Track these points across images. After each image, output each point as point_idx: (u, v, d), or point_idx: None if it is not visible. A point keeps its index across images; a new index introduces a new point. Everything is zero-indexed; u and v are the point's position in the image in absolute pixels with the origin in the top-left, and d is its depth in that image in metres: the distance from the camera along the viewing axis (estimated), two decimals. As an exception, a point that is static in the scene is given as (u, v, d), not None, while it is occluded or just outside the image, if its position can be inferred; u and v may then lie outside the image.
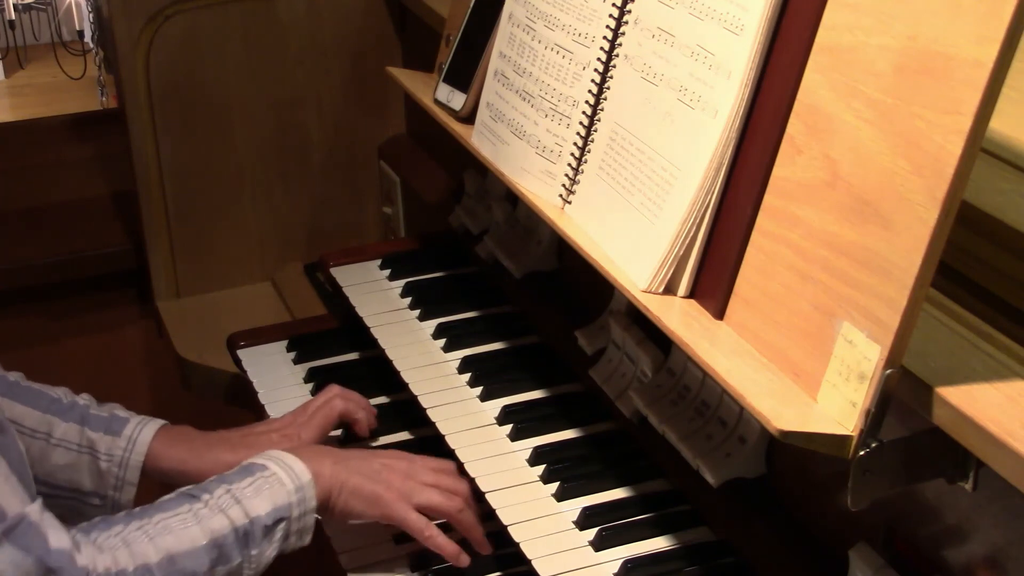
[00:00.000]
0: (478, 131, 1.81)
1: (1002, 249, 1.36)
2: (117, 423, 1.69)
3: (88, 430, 1.67)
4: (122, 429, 1.68)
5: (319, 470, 1.55)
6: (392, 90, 2.61)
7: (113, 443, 1.67)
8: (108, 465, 1.66)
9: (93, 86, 6.55)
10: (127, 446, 1.67)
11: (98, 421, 1.68)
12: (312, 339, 2.12)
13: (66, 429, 1.67)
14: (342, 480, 1.56)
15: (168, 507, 1.46)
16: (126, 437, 1.67)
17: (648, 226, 1.42)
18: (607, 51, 1.55)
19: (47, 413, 1.67)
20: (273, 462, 1.53)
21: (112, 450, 1.67)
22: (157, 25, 2.45)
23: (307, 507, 1.51)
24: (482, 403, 1.81)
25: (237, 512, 1.46)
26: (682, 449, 1.54)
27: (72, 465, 1.66)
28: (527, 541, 1.54)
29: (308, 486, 1.52)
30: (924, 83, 1.11)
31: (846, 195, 1.19)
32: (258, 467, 1.52)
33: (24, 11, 7.12)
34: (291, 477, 1.51)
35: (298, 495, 1.51)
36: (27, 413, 1.66)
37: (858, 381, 1.14)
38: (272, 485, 1.50)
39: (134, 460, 1.67)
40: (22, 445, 1.42)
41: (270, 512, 1.48)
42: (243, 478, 1.51)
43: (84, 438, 1.66)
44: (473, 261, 2.16)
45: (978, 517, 1.21)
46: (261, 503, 1.48)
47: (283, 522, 1.49)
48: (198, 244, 2.64)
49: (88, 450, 1.66)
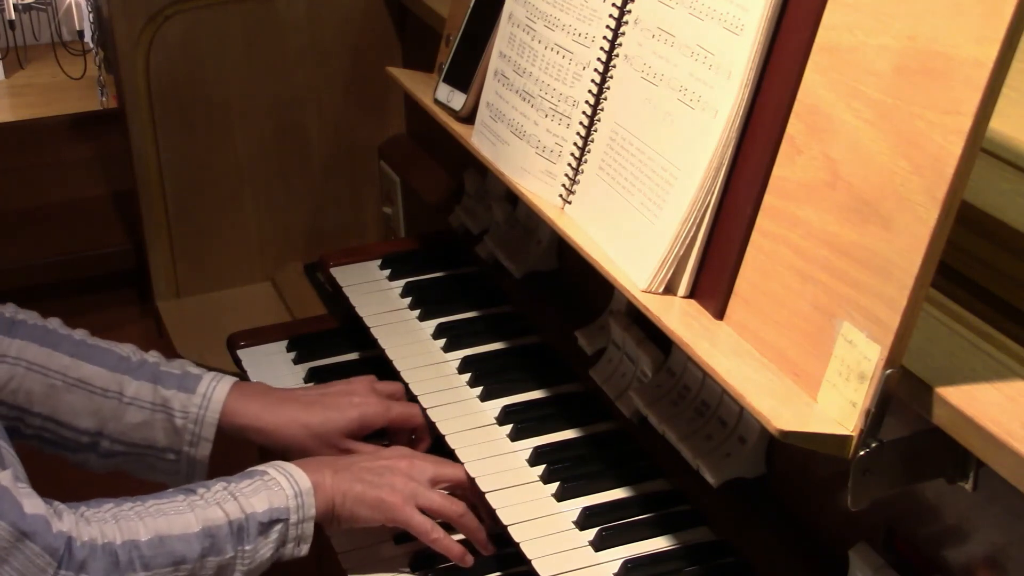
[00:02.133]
0: (478, 131, 1.81)
1: (1002, 249, 1.36)
2: (190, 380, 1.69)
3: (161, 388, 1.67)
4: (196, 386, 1.68)
5: (320, 481, 1.54)
6: (392, 90, 2.61)
7: (188, 400, 1.67)
8: (184, 422, 1.66)
9: (93, 86, 6.55)
10: (202, 403, 1.67)
11: (170, 378, 1.68)
12: (312, 339, 2.12)
13: (138, 387, 1.67)
14: (344, 489, 1.55)
15: (164, 495, 1.47)
16: (200, 394, 1.67)
17: (648, 226, 1.42)
18: (607, 51, 1.55)
19: (116, 371, 1.67)
20: (274, 468, 1.53)
21: (187, 407, 1.67)
22: (157, 25, 2.45)
23: (306, 514, 1.51)
24: (482, 403, 1.81)
25: (233, 506, 1.46)
26: (682, 449, 1.54)
27: (146, 423, 1.66)
28: (527, 541, 1.54)
29: (308, 493, 1.51)
30: (924, 83, 1.11)
31: (846, 195, 1.19)
32: (258, 472, 1.52)
33: (24, 11, 7.12)
34: (291, 483, 1.51)
35: (297, 501, 1.50)
36: (97, 373, 1.66)
37: (858, 381, 1.14)
38: (271, 488, 1.50)
39: (210, 416, 1.67)
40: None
41: (267, 511, 1.48)
42: (243, 479, 1.51)
43: (158, 396, 1.67)
44: (473, 261, 2.16)
45: (978, 517, 1.21)
46: (258, 501, 1.48)
47: (280, 524, 1.48)
48: (198, 244, 2.64)
49: (162, 408, 1.67)
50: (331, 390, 1.78)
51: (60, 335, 1.69)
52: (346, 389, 1.77)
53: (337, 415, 1.71)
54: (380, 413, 1.74)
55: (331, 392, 1.77)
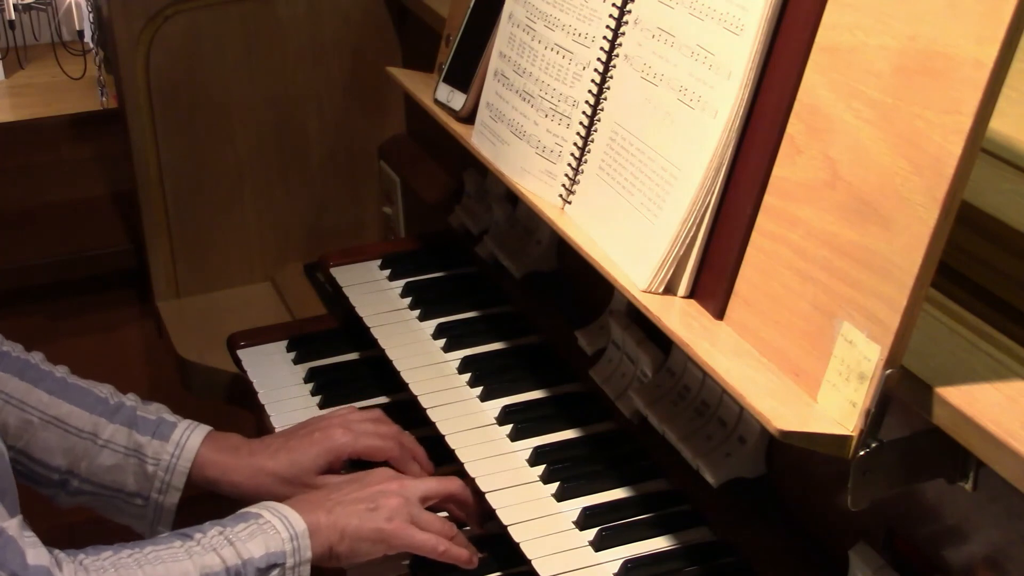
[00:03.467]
0: (478, 131, 1.81)
1: (1002, 249, 1.36)
2: (165, 427, 1.69)
3: (136, 433, 1.67)
4: (170, 434, 1.68)
5: (315, 522, 1.52)
6: (392, 90, 2.61)
7: (161, 447, 1.67)
8: (155, 469, 1.67)
9: (93, 86, 6.55)
10: (175, 451, 1.67)
11: (146, 424, 1.68)
12: (312, 339, 2.12)
13: (113, 431, 1.67)
14: (341, 527, 1.54)
15: (161, 541, 1.45)
16: (174, 442, 1.68)
17: (648, 226, 1.42)
18: (607, 51, 1.55)
19: (94, 413, 1.68)
20: (268, 511, 1.52)
21: (160, 454, 1.67)
22: (157, 25, 2.45)
23: (302, 557, 1.49)
24: (482, 403, 1.81)
25: (230, 552, 1.44)
26: (682, 449, 1.54)
27: (118, 467, 1.67)
28: (527, 541, 1.54)
29: (303, 536, 1.50)
30: (924, 83, 1.11)
31: (846, 195, 1.19)
32: (252, 515, 1.51)
33: (24, 11, 7.12)
34: (286, 526, 1.49)
35: (293, 544, 1.49)
36: (73, 412, 1.67)
37: (858, 381, 1.14)
38: (267, 532, 1.48)
39: (181, 466, 1.67)
40: (8, 460, 1.41)
41: (264, 556, 1.46)
42: (237, 523, 1.49)
43: (132, 441, 1.67)
44: (473, 261, 2.16)
45: (978, 517, 1.21)
46: (255, 546, 1.46)
47: (277, 568, 1.47)
48: (198, 244, 2.63)
49: (135, 453, 1.67)
50: (299, 431, 1.76)
51: (42, 371, 1.70)
52: (314, 426, 1.75)
53: (301, 456, 1.70)
54: (346, 444, 1.72)
55: (297, 434, 1.75)
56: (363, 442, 1.73)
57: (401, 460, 1.75)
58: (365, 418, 1.78)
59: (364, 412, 1.80)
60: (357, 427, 1.74)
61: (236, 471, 1.69)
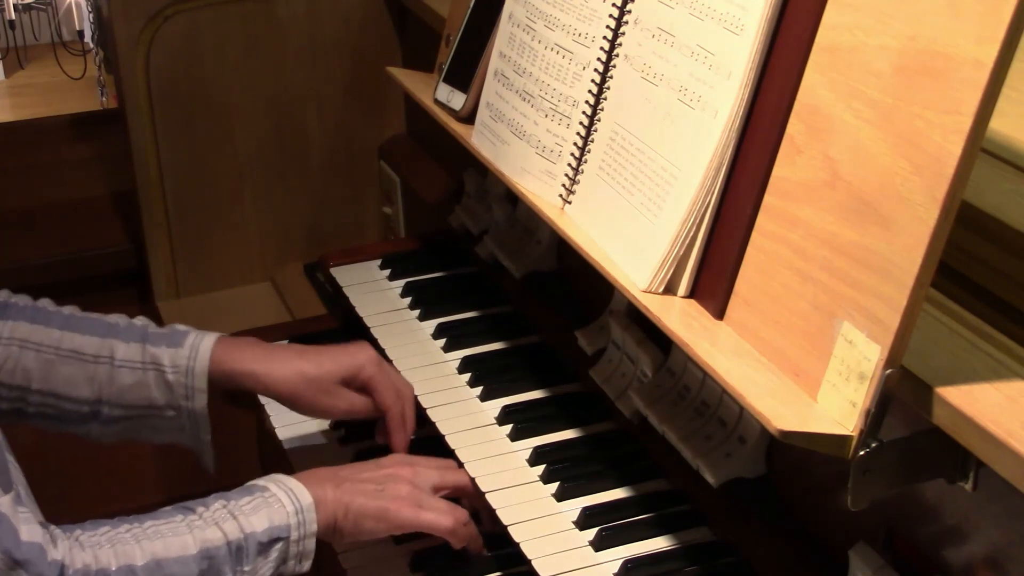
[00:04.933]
0: (478, 131, 1.81)
1: (1002, 249, 1.36)
2: (177, 335, 1.69)
3: (150, 346, 1.68)
4: (183, 340, 1.69)
5: (321, 495, 1.51)
6: (392, 90, 2.61)
7: (176, 354, 1.67)
8: (175, 376, 1.67)
9: (93, 86, 6.56)
10: (190, 354, 1.67)
11: (158, 337, 1.69)
12: (312, 339, 2.11)
13: (128, 349, 1.67)
14: (346, 503, 1.53)
15: (161, 515, 1.44)
16: (188, 346, 1.68)
17: (648, 226, 1.42)
18: (607, 51, 1.56)
19: (107, 337, 1.68)
20: (274, 484, 1.51)
21: (176, 360, 1.67)
22: (157, 25, 2.45)
23: (307, 531, 1.48)
24: (482, 403, 1.81)
25: (232, 526, 1.43)
26: (682, 449, 1.54)
27: (140, 383, 1.67)
28: (527, 541, 1.54)
29: (309, 509, 1.49)
30: (924, 83, 1.11)
31: (846, 195, 1.19)
32: (258, 488, 1.50)
33: (24, 11, 7.12)
34: (291, 499, 1.48)
35: (298, 518, 1.47)
36: (87, 341, 1.67)
37: (858, 381, 1.14)
38: (271, 505, 1.47)
39: (199, 366, 1.67)
40: (2, 435, 1.41)
41: (267, 529, 1.45)
42: (242, 496, 1.48)
43: (147, 354, 1.67)
44: (473, 261, 2.16)
45: (978, 517, 1.21)
46: (258, 520, 1.45)
47: (280, 542, 1.46)
48: (198, 244, 2.64)
49: (153, 366, 1.67)
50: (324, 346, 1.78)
51: (49, 312, 1.70)
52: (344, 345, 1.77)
53: (330, 361, 1.72)
54: (368, 366, 1.73)
55: (322, 346, 1.77)
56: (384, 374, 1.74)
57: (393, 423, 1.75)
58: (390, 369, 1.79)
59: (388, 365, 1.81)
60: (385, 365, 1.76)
61: (260, 362, 1.69)
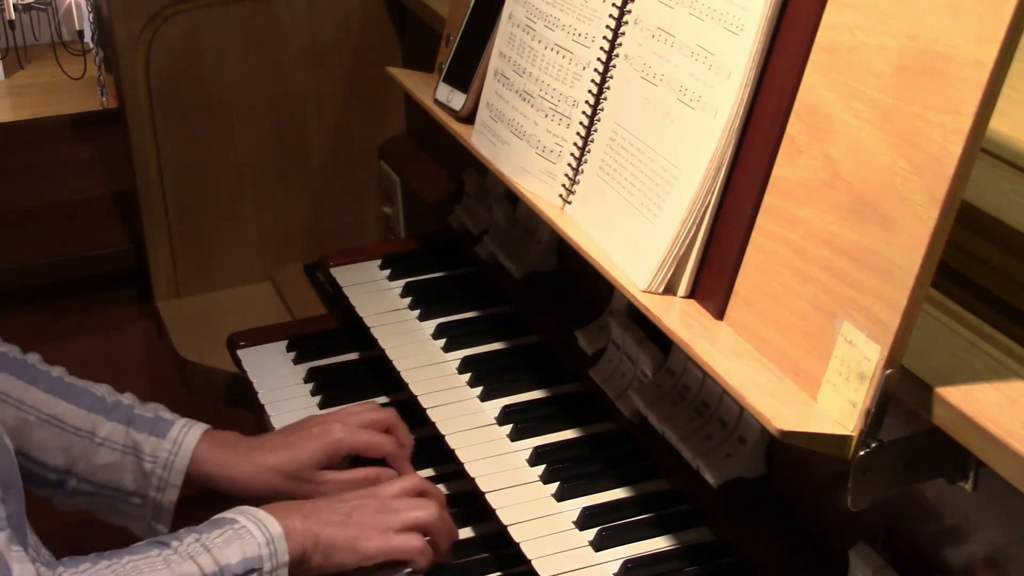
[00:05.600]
0: (478, 131, 1.81)
1: (1002, 249, 1.36)
2: (162, 425, 1.69)
3: (133, 431, 1.67)
4: (168, 431, 1.68)
5: (290, 526, 1.51)
6: (392, 90, 2.61)
7: (158, 445, 1.67)
8: (152, 466, 1.66)
9: (93, 86, 6.56)
10: (172, 448, 1.67)
11: (143, 422, 1.68)
12: (312, 339, 2.12)
13: (111, 429, 1.67)
14: (315, 533, 1.52)
15: (138, 551, 1.45)
16: (171, 439, 1.67)
17: (648, 226, 1.42)
18: (607, 51, 1.56)
19: (91, 412, 1.68)
20: (243, 516, 1.51)
21: (157, 451, 1.67)
22: (157, 25, 2.45)
23: (279, 560, 1.48)
24: (482, 403, 1.81)
25: (207, 560, 1.44)
26: (682, 449, 1.54)
27: (116, 464, 1.67)
28: (527, 541, 1.54)
29: (279, 539, 1.49)
30: (924, 83, 1.11)
31: (846, 195, 1.19)
32: (228, 520, 1.50)
33: (24, 11, 7.13)
34: (262, 530, 1.49)
35: (269, 548, 1.48)
36: (71, 411, 1.67)
37: (858, 381, 1.14)
38: (243, 536, 1.47)
39: (179, 462, 1.67)
40: (17, 473, 1.41)
41: (240, 562, 1.45)
42: (213, 529, 1.48)
43: (129, 439, 1.67)
44: (473, 261, 2.16)
45: (978, 517, 1.21)
46: (232, 553, 1.45)
47: (255, 573, 1.46)
48: (198, 244, 2.64)
49: (133, 451, 1.67)
50: (297, 428, 1.76)
51: (38, 370, 1.70)
52: (312, 423, 1.75)
53: (300, 451, 1.70)
54: (344, 439, 1.72)
55: (296, 430, 1.75)
56: (361, 438, 1.73)
57: (397, 457, 1.75)
58: (363, 410, 1.77)
59: (362, 405, 1.80)
60: (354, 421, 1.74)
61: (235, 467, 1.69)
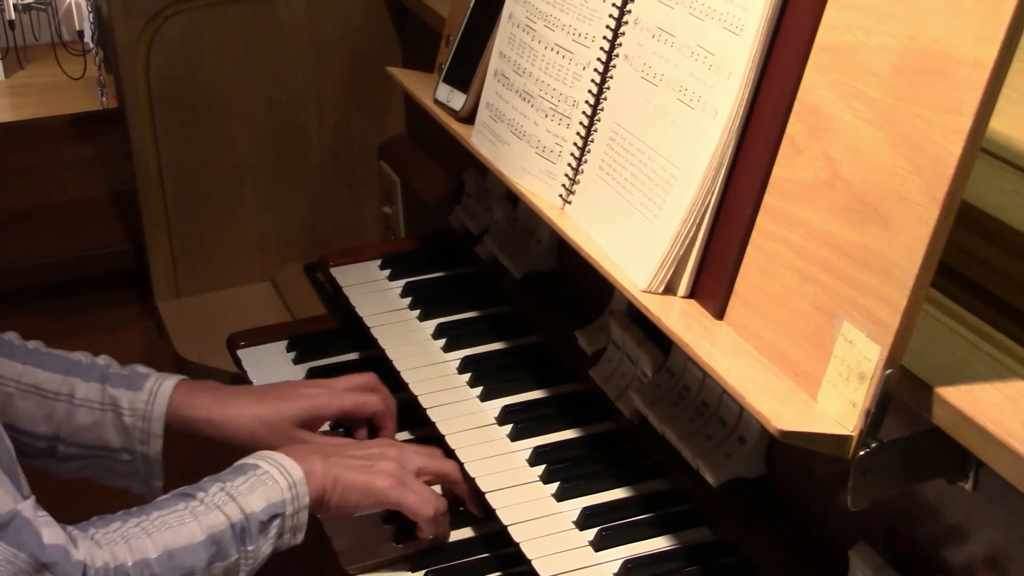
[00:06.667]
0: (478, 131, 1.81)
1: (1002, 249, 1.36)
2: (138, 378, 1.70)
3: (110, 387, 1.68)
4: (143, 383, 1.69)
5: (311, 468, 1.55)
6: (392, 90, 2.61)
7: (135, 397, 1.68)
8: (132, 419, 1.67)
9: (93, 86, 6.55)
10: (148, 399, 1.68)
11: (119, 379, 1.70)
12: (312, 339, 2.12)
13: (88, 389, 1.68)
14: (334, 475, 1.56)
15: (165, 505, 1.47)
16: (147, 390, 1.69)
17: (648, 226, 1.42)
18: (607, 51, 1.55)
19: (68, 375, 1.68)
20: (265, 461, 1.54)
21: (134, 404, 1.68)
22: (157, 25, 2.45)
23: (300, 504, 1.52)
24: (482, 403, 1.81)
25: (233, 508, 1.47)
26: (682, 449, 1.54)
27: (97, 423, 1.67)
28: (527, 541, 1.54)
29: (301, 483, 1.52)
30: (924, 83, 1.11)
31: (846, 195, 1.19)
32: (250, 466, 1.53)
33: (24, 11, 7.12)
34: (283, 475, 1.52)
35: (291, 492, 1.51)
36: (49, 377, 1.68)
37: (858, 381, 1.14)
38: (266, 483, 1.50)
39: (157, 411, 1.68)
40: (10, 443, 1.42)
41: (265, 508, 1.48)
42: (236, 476, 1.51)
43: (106, 395, 1.68)
44: (473, 261, 2.16)
45: (978, 517, 1.21)
46: (256, 499, 1.48)
47: (278, 518, 1.49)
48: (198, 244, 2.64)
49: (111, 407, 1.68)
50: (285, 385, 1.79)
51: (14, 345, 1.71)
52: (301, 384, 1.80)
53: (286, 404, 1.72)
54: (331, 402, 1.74)
55: (284, 387, 1.78)
56: (349, 399, 1.76)
57: (383, 415, 1.77)
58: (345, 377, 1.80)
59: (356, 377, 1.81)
60: (340, 385, 1.77)
61: (218, 409, 1.69)
